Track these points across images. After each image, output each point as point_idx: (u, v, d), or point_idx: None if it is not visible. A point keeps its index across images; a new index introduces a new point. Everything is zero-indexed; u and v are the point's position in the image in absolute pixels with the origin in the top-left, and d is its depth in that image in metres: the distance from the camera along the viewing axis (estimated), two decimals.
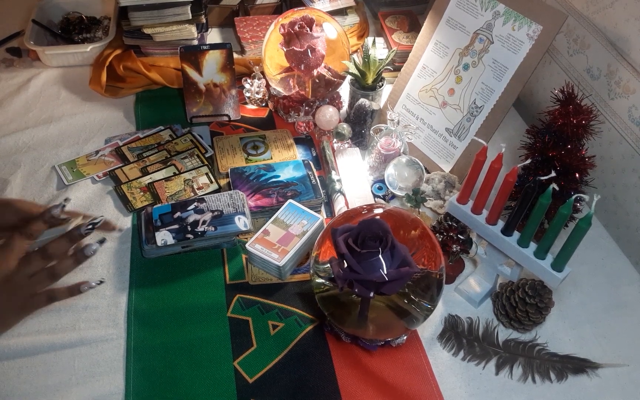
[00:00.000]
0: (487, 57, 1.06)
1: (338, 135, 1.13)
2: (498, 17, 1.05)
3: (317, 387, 0.80)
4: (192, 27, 1.29)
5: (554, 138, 0.91)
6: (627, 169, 1.03)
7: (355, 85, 1.18)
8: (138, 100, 1.27)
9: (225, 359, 0.82)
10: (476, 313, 0.90)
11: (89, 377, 0.79)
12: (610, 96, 1.06)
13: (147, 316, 0.87)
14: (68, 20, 1.43)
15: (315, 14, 1.18)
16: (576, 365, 0.84)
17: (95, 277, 0.91)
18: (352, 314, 0.79)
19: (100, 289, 0.90)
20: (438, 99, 1.14)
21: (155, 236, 0.93)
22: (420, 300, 0.79)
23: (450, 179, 1.09)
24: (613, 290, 0.96)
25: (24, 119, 1.21)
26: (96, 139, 1.17)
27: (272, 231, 0.94)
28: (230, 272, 0.94)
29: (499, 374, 0.84)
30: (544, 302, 0.85)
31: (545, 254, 0.81)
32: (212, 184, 1.06)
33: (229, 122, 1.23)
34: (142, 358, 0.82)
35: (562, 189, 0.91)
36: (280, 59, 1.19)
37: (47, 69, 1.35)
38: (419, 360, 0.84)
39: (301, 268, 0.95)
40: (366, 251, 0.72)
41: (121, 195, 1.04)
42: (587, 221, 0.74)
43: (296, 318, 0.87)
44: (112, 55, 1.29)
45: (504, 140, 0.89)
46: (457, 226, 0.90)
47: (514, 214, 0.82)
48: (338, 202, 1.03)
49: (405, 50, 1.27)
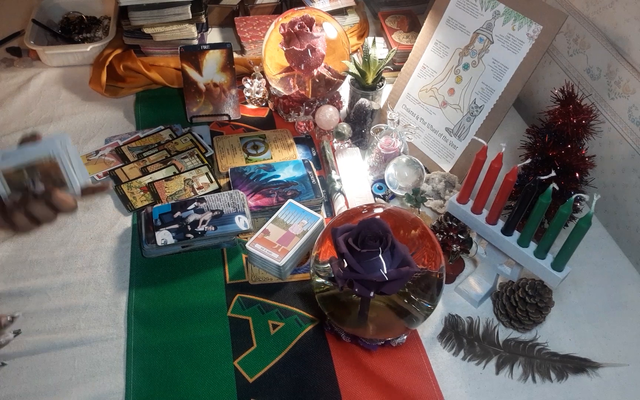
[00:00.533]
0: (487, 56, 1.06)
1: (338, 135, 1.13)
2: (498, 16, 1.05)
3: (317, 386, 0.80)
4: (192, 26, 1.29)
5: (554, 138, 0.91)
6: (627, 169, 1.03)
7: (355, 85, 1.18)
8: (138, 100, 1.27)
9: (225, 359, 0.82)
10: (476, 313, 0.90)
11: (89, 376, 0.79)
12: (610, 96, 1.06)
13: (147, 316, 0.87)
14: (68, 20, 1.43)
15: (315, 13, 1.18)
16: (576, 365, 0.84)
17: (96, 276, 0.92)
18: (352, 313, 0.79)
19: (100, 289, 0.90)
20: (438, 98, 1.14)
21: (155, 236, 0.93)
22: (420, 300, 0.79)
23: (450, 178, 1.09)
24: (613, 290, 0.96)
25: (24, 118, 1.21)
26: (96, 138, 1.17)
27: (272, 231, 0.94)
28: (231, 272, 0.94)
29: (499, 373, 0.84)
30: (544, 302, 0.85)
31: (545, 253, 0.81)
32: (212, 184, 1.06)
33: (229, 121, 1.23)
34: (142, 358, 0.82)
35: (562, 189, 0.91)
36: (280, 59, 1.19)
37: (47, 68, 1.35)
38: (419, 360, 0.84)
39: (301, 268, 0.95)
40: (366, 251, 0.72)
41: (121, 195, 1.04)
42: (587, 221, 0.74)
43: (296, 318, 0.87)
44: (112, 55, 1.29)
45: (504, 140, 0.89)
46: (457, 226, 0.90)
47: (514, 214, 0.82)
48: (338, 201, 1.03)
49: (405, 50, 1.27)
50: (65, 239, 0.97)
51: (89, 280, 0.91)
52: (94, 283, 0.91)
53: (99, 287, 0.90)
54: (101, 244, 0.96)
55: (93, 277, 0.91)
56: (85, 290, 0.90)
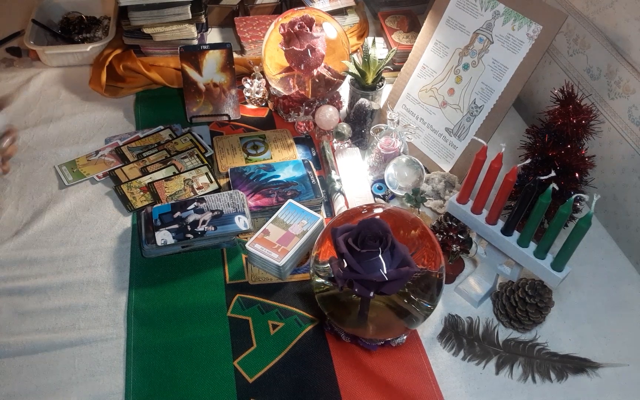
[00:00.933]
0: (487, 57, 1.06)
1: (338, 135, 1.13)
2: (498, 16, 1.05)
3: (317, 386, 0.80)
4: (192, 27, 1.29)
5: (553, 138, 0.91)
6: (627, 169, 1.03)
7: (355, 85, 1.18)
8: (138, 100, 1.27)
9: (225, 359, 0.82)
10: (476, 313, 0.90)
11: (89, 376, 0.79)
12: (610, 96, 1.06)
13: (147, 316, 0.87)
14: (68, 20, 1.43)
15: (315, 13, 1.18)
16: (576, 365, 0.84)
17: (95, 276, 0.92)
18: (352, 313, 0.79)
19: (100, 289, 0.90)
20: (438, 98, 1.14)
21: (155, 236, 0.93)
22: (420, 300, 0.79)
23: (450, 178, 1.09)
24: (613, 290, 0.96)
25: (24, 118, 1.21)
26: (96, 138, 1.17)
27: (272, 231, 0.94)
28: (230, 272, 0.94)
29: (499, 373, 0.84)
30: (544, 302, 0.85)
31: (545, 253, 0.81)
32: (212, 184, 1.06)
33: (229, 122, 1.23)
34: (142, 357, 0.82)
35: (562, 189, 0.91)
36: (280, 59, 1.19)
37: (47, 68, 1.35)
38: (419, 360, 0.84)
39: (301, 268, 0.95)
40: (366, 251, 0.72)
41: (121, 195, 1.04)
42: (587, 221, 0.74)
43: (296, 318, 0.87)
44: (112, 55, 1.29)
45: (504, 140, 0.89)
46: (457, 226, 0.90)
47: (514, 214, 0.82)
48: (338, 201, 1.03)
49: (405, 50, 1.27)
50: (65, 238, 0.97)
51: (89, 280, 0.91)
52: (94, 283, 0.91)
53: (99, 287, 0.90)
54: (101, 244, 0.96)
55: (93, 277, 0.91)
56: (85, 290, 0.90)
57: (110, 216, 1.01)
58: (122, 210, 1.02)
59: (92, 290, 0.90)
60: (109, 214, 1.02)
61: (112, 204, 1.03)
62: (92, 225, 1.00)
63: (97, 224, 1.00)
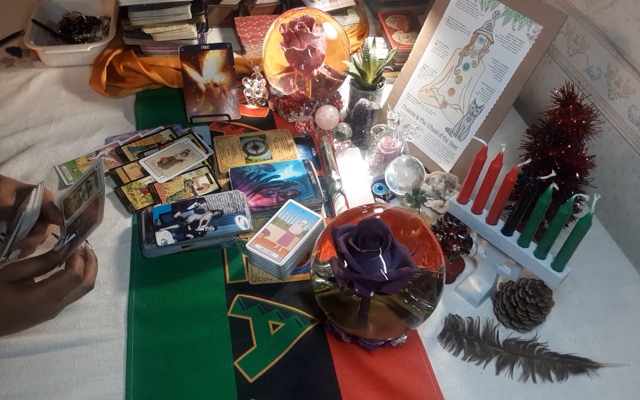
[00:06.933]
0: (487, 57, 1.06)
1: (338, 135, 1.13)
2: (498, 16, 1.05)
3: (317, 387, 0.80)
4: (192, 27, 1.29)
5: (554, 138, 0.91)
6: (627, 169, 1.03)
7: (355, 85, 1.18)
8: (138, 100, 1.27)
9: (225, 359, 0.82)
10: (476, 313, 0.90)
11: (89, 376, 0.79)
12: (610, 96, 1.06)
13: (147, 316, 0.87)
14: (68, 20, 1.43)
15: (315, 13, 1.18)
16: (576, 365, 0.84)
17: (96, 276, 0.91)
18: (352, 313, 0.79)
19: (100, 289, 0.90)
20: (438, 98, 1.14)
21: (155, 236, 0.93)
22: (420, 300, 0.79)
23: (450, 178, 1.09)
24: (613, 290, 0.96)
25: (24, 119, 1.21)
26: (96, 138, 1.17)
27: (272, 231, 0.94)
28: (231, 272, 0.94)
29: (500, 373, 0.84)
30: (544, 302, 0.85)
31: (545, 253, 0.81)
32: (212, 184, 1.06)
33: (229, 122, 1.23)
34: (142, 358, 0.82)
35: (562, 189, 0.91)
36: (280, 59, 1.19)
37: (47, 68, 1.35)
38: (419, 360, 0.84)
39: (301, 268, 0.95)
40: (366, 251, 0.72)
41: (121, 197, 1.04)
42: (587, 221, 0.74)
43: (296, 318, 0.87)
44: (112, 55, 1.29)
45: (504, 140, 0.89)
46: (457, 226, 0.90)
47: (514, 214, 0.82)
48: (338, 202, 1.03)
49: (405, 50, 1.27)
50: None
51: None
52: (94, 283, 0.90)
53: (99, 287, 0.90)
54: (101, 244, 0.96)
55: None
56: None
57: (111, 216, 1.01)
58: (122, 211, 1.02)
59: (93, 290, 0.90)
60: (109, 214, 1.02)
61: (112, 204, 1.03)
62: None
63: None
